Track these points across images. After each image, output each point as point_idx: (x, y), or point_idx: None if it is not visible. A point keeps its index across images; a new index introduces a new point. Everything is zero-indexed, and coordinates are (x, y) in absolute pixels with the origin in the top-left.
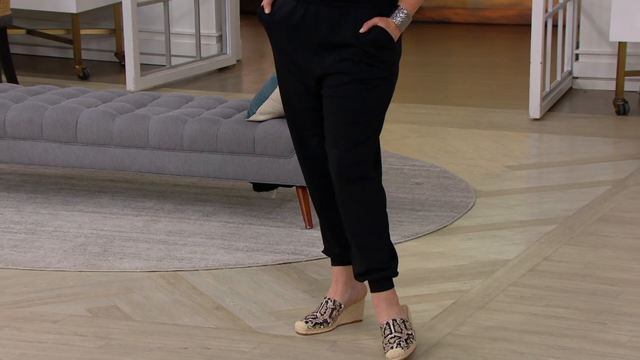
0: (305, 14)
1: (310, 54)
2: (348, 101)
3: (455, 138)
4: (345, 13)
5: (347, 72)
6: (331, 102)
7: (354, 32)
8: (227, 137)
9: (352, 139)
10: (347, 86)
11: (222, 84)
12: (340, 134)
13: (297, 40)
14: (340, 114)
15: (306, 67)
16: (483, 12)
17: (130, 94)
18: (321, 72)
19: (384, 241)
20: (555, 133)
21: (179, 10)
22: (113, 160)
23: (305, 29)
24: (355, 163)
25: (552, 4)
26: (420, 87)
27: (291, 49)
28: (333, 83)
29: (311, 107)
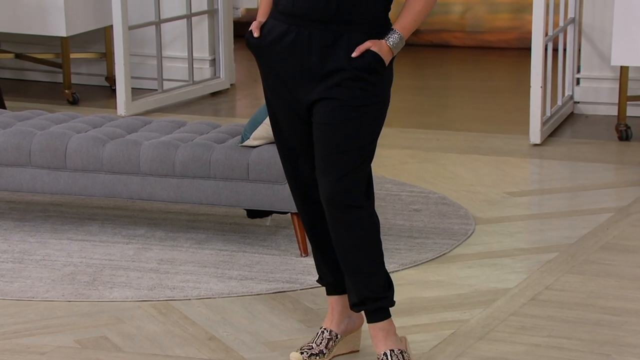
0: (297, 38)
1: (301, 80)
2: (338, 128)
3: (454, 164)
4: (339, 37)
5: (337, 98)
6: (321, 129)
7: (346, 57)
8: (220, 163)
9: (343, 166)
10: (338, 112)
11: (215, 108)
12: (330, 161)
13: (287, 65)
14: (330, 141)
15: (296, 93)
16: (482, 35)
17: (121, 119)
18: (312, 99)
19: (379, 270)
20: (557, 159)
21: (171, 33)
22: (103, 186)
23: (297, 54)
24: (346, 191)
25: (552, 28)
26: (418, 112)
27: (281, 75)
28: (323, 109)
29: (302, 134)
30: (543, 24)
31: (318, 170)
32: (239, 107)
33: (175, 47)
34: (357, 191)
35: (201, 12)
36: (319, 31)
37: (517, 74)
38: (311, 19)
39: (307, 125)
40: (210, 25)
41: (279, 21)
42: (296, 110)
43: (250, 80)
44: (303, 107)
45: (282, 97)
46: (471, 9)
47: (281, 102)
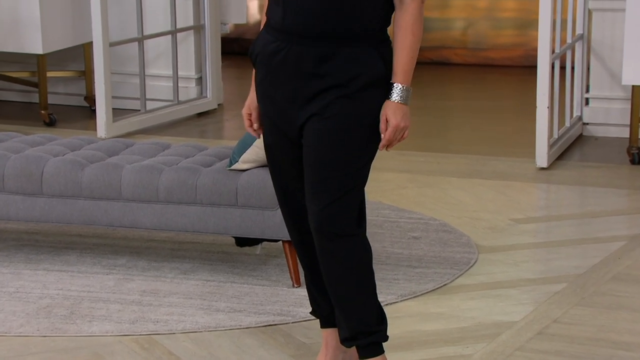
0: (288, 55)
1: (292, 99)
2: (329, 149)
3: (456, 188)
4: (332, 54)
5: (329, 117)
6: (311, 151)
7: (341, 73)
8: (207, 188)
9: (333, 192)
10: (329, 132)
11: (201, 129)
12: (319, 186)
13: (277, 83)
14: (321, 164)
15: (287, 114)
16: (485, 52)
17: (101, 141)
18: (303, 119)
19: (371, 303)
20: (565, 183)
21: (155, 50)
22: (82, 213)
23: (288, 72)
24: (336, 218)
25: (559, 44)
26: (418, 134)
27: (272, 93)
28: (314, 130)
29: (294, 158)
30: (549, 40)
31: (307, 195)
32: (227, 128)
33: (159, 64)
34: (349, 218)
35: (187, 28)
36: (311, 48)
37: (522, 93)
38: (302, 35)
39: (299, 149)
40: (196, 41)
41: (271, 36)
42: (287, 132)
43: (239, 99)
44: (294, 128)
45: (273, 119)
46: (473, 25)
47: (272, 124)
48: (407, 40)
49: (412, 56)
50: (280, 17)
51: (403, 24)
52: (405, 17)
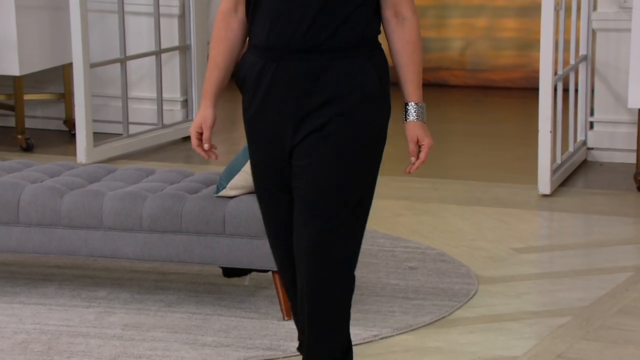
0: (277, 74)
1: (284, 120)
2: (326, 172)
3: (454, 216)
4: (325, 68)
5: (326, 136)
6: (306, 174)
7: (335, 88)
8: (193, 216)
9: (330, 217)
10: (326, 153)
11: (187, 154)
12: (315, 212)
13: (268, 105)
14: (319, 185)
15: (279, 136)
16: (484, 74)
17: (81, 167)
18: (297, 140)
19: (344, 332)
20: (568, 211)
21: (138, 71)
22: (61, 243)
23: (278, 91)
24: (334, 245)
25: (562, 66)
26: None
27: (262, 116)
28: (308, 151)
29: (285, 186)
30: (552, 61)
31: (298, 220)
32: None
33: (142, 86)
34: (346, 248)
35: (171, 49)
36: (301, 63)
37: (523, 116)
38: (291, 50)
39: (288, 173)
40: (181, 62)
41: (256, 56)
42: (280, 157)
43: (227, 123)
44: (286, 151)
45: (262, 143)
46: (472, 45)
47: (262, 149)
48: (416, 56)
49: (420, 71)
50: (264, 34)
51: (409, 39)
52: (409, 32)
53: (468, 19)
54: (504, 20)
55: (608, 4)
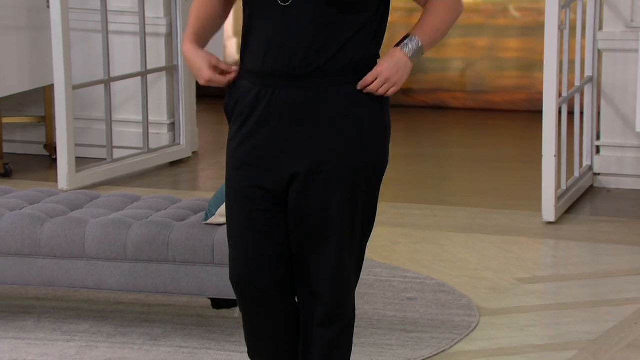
0: (272, 101)
1: (279, 151)
2: (330, 206)
3: (454, 244)
4: (324, 95)
5: (327, 165)
6: (309, 203)
7: (336, 116)
8: (180, 244)
9: (335, 266)
10: (328, 184)
11: (174, 180)
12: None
13: (262, 135)
14: (323, 216)
15: (272, 168)
16: (486, 95)
17: (62, 193)
18: (294, 172)
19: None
20: (574, 239)
21: (123, 93)
22: (41, 273)
23: (273, 120)
24: (342, 298)
25: (567, 88)
26: (412, 184)
27: (252, 146)
28: (308, 181)
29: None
30: (556, 83)
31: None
32: (203, 178)
33: (127, 109)
34: (350, 295)
35: (158, 69)
36: (299, 89)
37: (526, 140)
38: (288, 76)
39: (281, 206)
40: (168, 83)
41: (249, 82)
42: (269, 188)
43: (216, 147)
44: (281, 183)
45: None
46: (473, 66)
47: (248, 183)
48: (441, 12)
49: (439, 28)
50: (259, 59)
51: (435, 2)
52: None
53: (468, 39)
54: (505, 39)
55: (614, 24)
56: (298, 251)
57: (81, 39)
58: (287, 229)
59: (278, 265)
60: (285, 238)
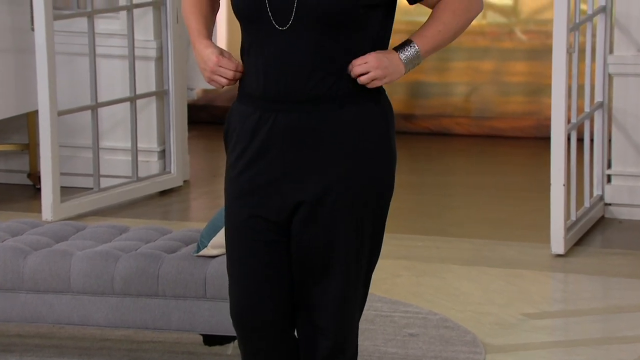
0: (275, 127)
1: (282, 178)
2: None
3: (458, 277)
4: (329, 118)
5: (334, 190)
6: (309, 237)
7: (342, 140)
8: (170, 277)
9: (344, 279)
10: (335, 213)
11: (165, 210)
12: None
13: (264, 162)
14: (327, 254)
15: (275, 196)
16: (491, 122)
17: (47, 224)
18: (299, 200)
19: None
20: (584, 273)
21: (111, 119)
22: (24, 309)
23: (276, 147)
24: (346, 332)
25: (576, 113)
26: (414, 214)
27: (255, 174)
28: (314, 210)
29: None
30: (565, 108)
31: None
32: (194, 208)
33: (115, 136)
34: (352, 335)
35: (148, 94)
36: (302, 113)
37: (534, 168)
38: (290, 101)
39: (282, 245)
40: (158, 109)
41: (249, 107)
42: (270, 217)
43: (208, 175)
44: (283, 212)
45: (249, 201)
46: (477, 90)
47: (247, 208)
48: (445, 17)
49: (442, 31)
50: (260, 83)
51: (443, 3)
52: (447, 1)
53: (473, 62)
54: (512, 63)
55: (626, 47)
56: (301, 283)
57: (67, 63)
58: (290, 260)
59: (280, 299)
60: (287, 270)
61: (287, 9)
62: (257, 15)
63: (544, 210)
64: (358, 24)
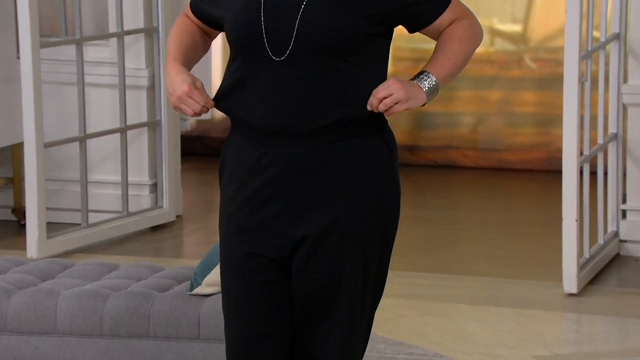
0: (275, 161)
1: (283, 213)
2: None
3: (466, 317)
4: (331, 151)
5: (339, 225)
6: (312, 275)
7: (345, 173)
8: (162, 317)
9: (346, 332)
10: (339, 249)
11: (156, 246)
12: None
13: (263, 197)
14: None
15: (275, 232)
16: (500, 154)
17: (32, 262)
18: (301, 235)
19: None
20: (599, 313)
21: (100, 151)
22: (6, 352)
23: (277, 180)
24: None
25: (588, 145)
26: (419, 250)
27: (253, 209)
28: (317, 246)
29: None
30: (577, 140)
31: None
32: (188, 244)
33: (104, 169)
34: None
35: (139, 125)
36: (303, 146)
37: (545, 203)
38: (291, 134)
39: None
40: (150, 140)
41: (246, 140)
42: (269, 254)
43: (202, 210)
44: (286, 250)
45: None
46: (485, 121)
47: (244, 249)
48: (453, 46)
49: (451, 58)
50: (257, 115)
51: (449, 32)
52: (452, 29)
53: (480, 91)
54: (521, 93)
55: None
56: (302, 322)
57: (54, 92)
58: (290, 298)
59: (280, 340)
60: (288, 309)
61: (284, 40)
62: (253, 45)
63: (556, 247)
64: (357, 53)
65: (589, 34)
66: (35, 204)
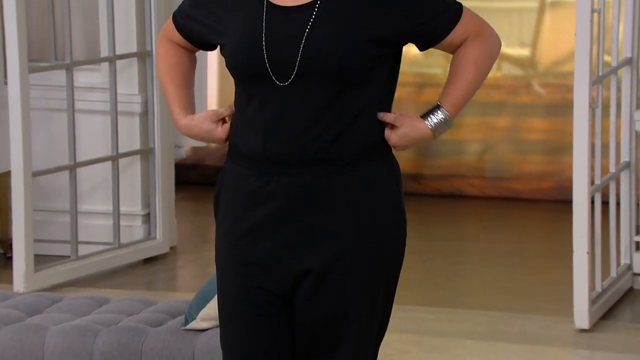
0: (277, 191)
1: (285, 246)
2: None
3: (472, 354)
4: (335, 181)
5: (344, 258)
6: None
7: (350, 203)
8: (156, 353)
9: (353, 352)
10: (344, 282)
11: (149, 279)
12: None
13: (265, 229)
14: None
15: (276, 266)
16: (507, 183)
17: (19, 296)
18: (305, 268)
19: None
20: (612, 350)
21: (91, 180)
22: None
23: (279, 212)
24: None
25: (600, 174)
26: (424, 283)
27: (253, 242)
28: (321, 280)
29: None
30: (588, 169)
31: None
32: (182, 277)
33: (95, 198)
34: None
35: (132, 153)
36: (307, 177)
37: (555, 234)
38: (294, 164)
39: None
40: (143, 169)
41: (246, 169)
42: (270, 288)
43: (197, 241)
44: (289, 283)
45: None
46: (492, 149)
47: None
48: (468, 74)
49: (467, 91)
50: (259, 143)
51: (464, 56)
52: (466, 51)
53: (487, 118)
54: (529, 119)
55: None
56: (306, 356)
57: (43, 119)
58: (291, 333)
59: None
60: (290, 344)
61: (288, 65)
62: (255, 71)
63: (566, 280)
64: (364, 78)
65: (599, 59)
66: (23, 235)
